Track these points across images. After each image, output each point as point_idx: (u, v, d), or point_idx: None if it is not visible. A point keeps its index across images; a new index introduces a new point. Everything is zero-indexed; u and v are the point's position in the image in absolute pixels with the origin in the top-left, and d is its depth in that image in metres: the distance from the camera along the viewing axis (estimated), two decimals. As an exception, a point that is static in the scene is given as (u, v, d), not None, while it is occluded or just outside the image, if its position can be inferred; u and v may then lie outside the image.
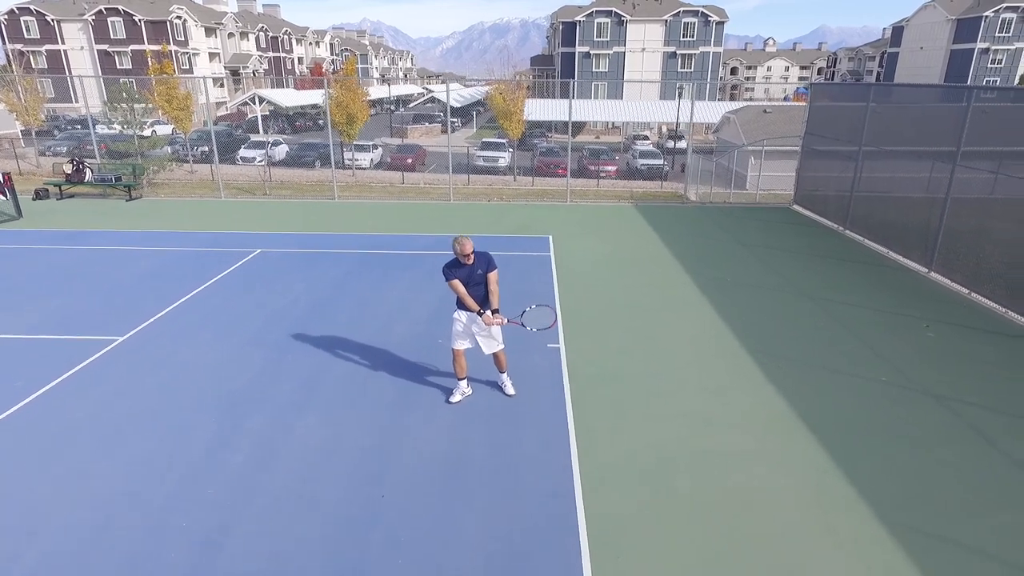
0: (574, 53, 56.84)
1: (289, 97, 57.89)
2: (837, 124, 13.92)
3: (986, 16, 54.96)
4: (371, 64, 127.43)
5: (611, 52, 56.61)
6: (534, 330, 6.24)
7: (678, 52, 56.39)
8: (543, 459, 5.52)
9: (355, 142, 29.82)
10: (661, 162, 32.74)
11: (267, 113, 53.29)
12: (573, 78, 54.45)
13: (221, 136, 39.55)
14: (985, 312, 9.05)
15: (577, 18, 56.02)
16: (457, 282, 6.02)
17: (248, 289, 9.76)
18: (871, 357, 7.55)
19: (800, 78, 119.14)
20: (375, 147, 35.56)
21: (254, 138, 39.41)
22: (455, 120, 62.54)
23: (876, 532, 4.65)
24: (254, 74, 78.58)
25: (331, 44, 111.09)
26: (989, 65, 55.77)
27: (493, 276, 6.07)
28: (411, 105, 69.15)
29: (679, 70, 56.62)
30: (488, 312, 6.03)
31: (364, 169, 31.81)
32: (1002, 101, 10.45)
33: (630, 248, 12.40)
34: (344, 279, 10.25)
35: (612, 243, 12.73)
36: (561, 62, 58.68)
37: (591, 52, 56.60)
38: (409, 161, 31.81)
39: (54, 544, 4.49)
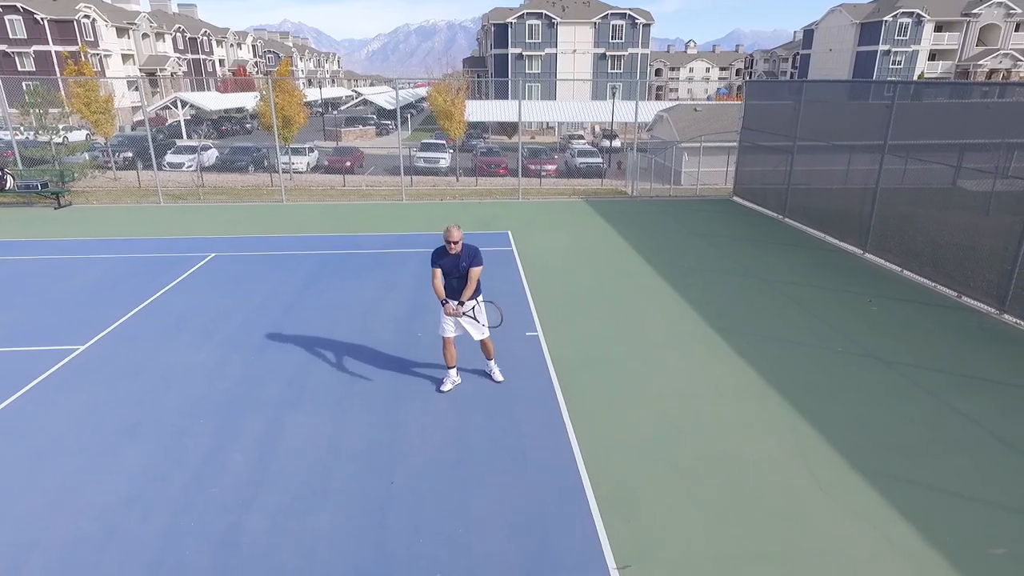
0: (507, 55, 57.36)
1: (213, 100, 55.71)
2: (772, 120, 14.81)
3: (886, 20, 59.23)
4: (297, 66, 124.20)
5: (543, 54, 57.48)
6: (483, 324, 6.40)
7: (608, 54, 57.87)
8: (543, 439, 5.73)
9: (291, 145, 29.16)
10: (600, 160, 33.64)
11: (188, 117, 51.06)
12: (507, 79, 54.97)
13: (144, 141, 37.71)
14: (917, 286, 9.91)
15: (508, 20, 56.57)
16: (436, 271, 6.10)
17: (211, 293, 9.49)
18: (825, 329, 8.17)
19: (720, 79, 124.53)
20: (311, 150, 34.88)
21: (180, 143, 37.80)
22: (389, 122, 61.93)
23: (855, 479, 5.12)
24: (172, 76, 75.05)
25: (253, 46, 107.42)
26: (890, 66, 60.15)
27: (475, 271, 6.20)
28: (343, 108, 67.83)
29: (609, 71, 58.13)
30: (452, 303, 6.13)
31: (301, 172, 31.17)
32: (927, 97, 11.43)
33: (588, 240, 12.79)
34: (311, 280, 10.12)
35: (570, 236, 13.09)
36: (494, 64, 59.07)
37: (524, 54, 57.28)
38: (347, 164, 31.39)
39: (59, 553, 4.34)
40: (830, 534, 4.54)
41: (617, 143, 38.63)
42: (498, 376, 6.75)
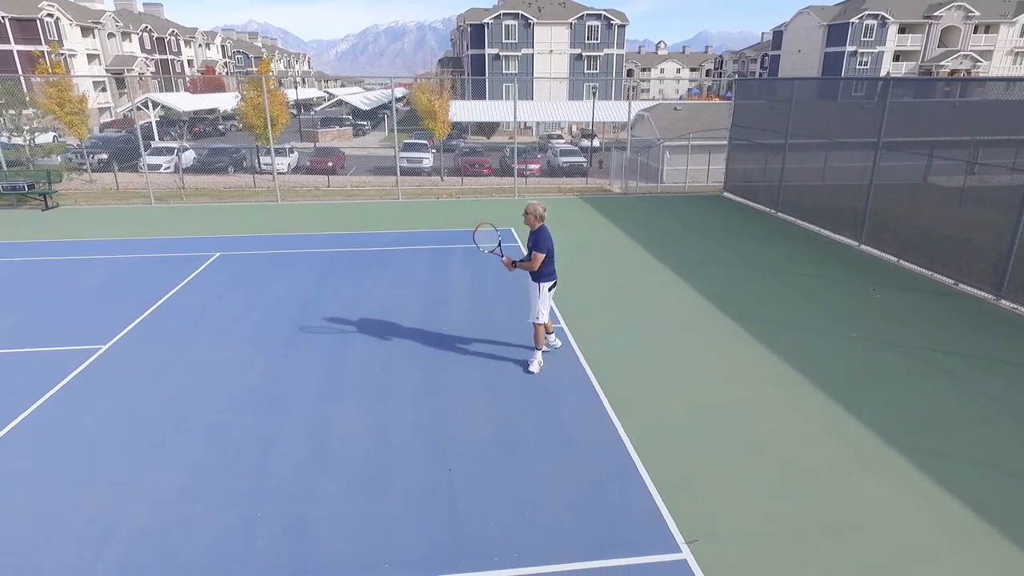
0: (484, 55, 57.43)
1: (185, 101, 54.68)
2: (763, 117, 15.19)
3: (852, 22, 60.87)
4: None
5: (520, 54, 57.68)
6: (493, 247, 6.82)
7: (584, 54, 58.35)
8: (586, 423, 5.87)
9: (271, 146, 28.82)
10: (583, 159, 33.94)
11: (158, 119, 49.99)
12: (485, 79, 55.08)
13: (120, 142, 36.88)
14: (915, 275, 10.31)
15: (485, 20, 56.64)
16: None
17: (223, 292, 9.41)
18: (835, 317, 8.47)
19: (691, 79, 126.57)
20: (291, 151, 34.56)
21: (156, 144, 37.08)
22: (365, 123, 61.49)
23: (893, 455, 5.37)
24: (140, 77, 73.33)
25: (222, 46, 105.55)
26: (857, 66, 61.83)
27: (535, 256, 6.40)
28: (318, 109, 67.12)
29: (585, 71, 58.61)
30: (507, 258, 6.69)
31: (283, 173, 30.89)
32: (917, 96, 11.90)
33: (592, 236, 12.98)
34: (323, 278, 10.10)
35: (574, 232, 13.25)
36: (471, 64, 59.08)
37: (501, 54, 57.41)
38: (329, 164, 31.24)
39: (135, 546, 4.34)
40: (880, 507, 4.76)
41: (596, 142, 38.99)
42: (532, 368, 6.83)
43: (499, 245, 6.80)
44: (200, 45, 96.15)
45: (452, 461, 5.30)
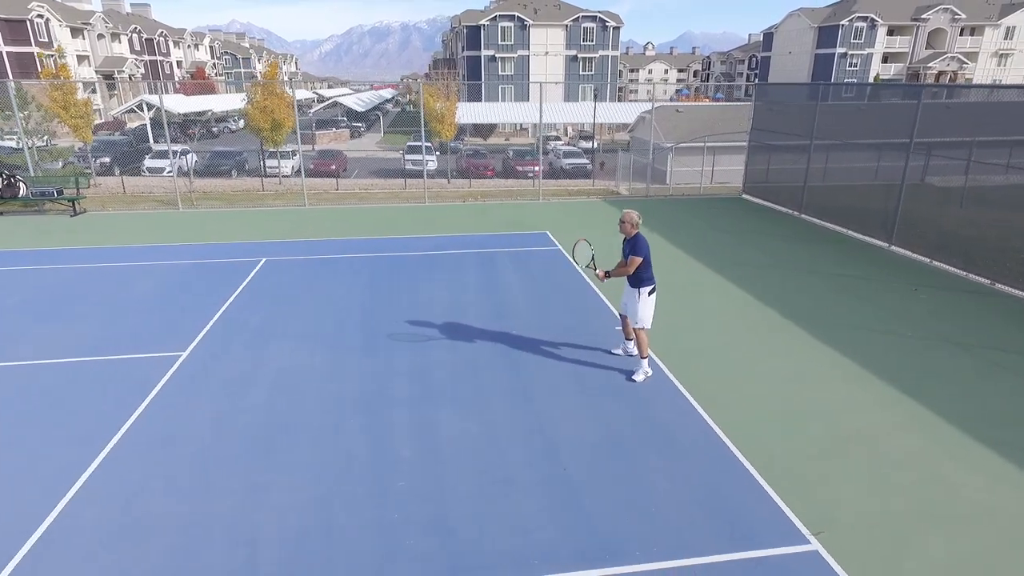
0: (480, 57, 57.60)
1: (180, 103, 54.26)
2: (786, 120, 15.55)
3: (842, 24, 61.86)
4: (255, 68, 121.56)
5: (516, 56, 57.94)
6: (588, 262, 7.04)
7: (579, 56, 58.72)
8: (682, 423, 6.11)
9: (274, 149, 28.81)
10: (586, 161, 34.23)
11: (147, 121, 49.55)
12: (481, 81, 55.24)
13: (122, 146, 36.56)
14: (950, 275, 10.67)
15: (481, 22, 56.83)
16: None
17: (283, 297, 9.53)
18: (885, 315, 8.79)
19: (678, 80, 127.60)
20: (293, 153, 34.52)
21: (158, 147, 36.86)
22: (360, 125, 61.39)
23: (976, 446, 5.67)
24: (130, 78, 72.57)
25: (211, 47, 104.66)
26: (848, 68, 62.84)
27: (631, 260, 6.59)
28: (313, 111, 66.86)
29: (581, 73, 58.99)
30: (601, 271, 6.90)
31: (288, 176, 30.90)
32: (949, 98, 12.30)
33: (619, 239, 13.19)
34: (378, 282, 10.25)
35: (607, 235, 13.46)
36: (467, 65, 59.19)
37: (496, 56, 57.62)
38: (332, 167, 31.32)
39: (284, 550, 4.50)
40: (976, 496, 5.04)
41: (594, 144, 39.29)
42: (637, 376, 6.91)
43: (592, 259, 6.99)
44: (189, 46, 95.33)
45: (564, 461, 5.51)
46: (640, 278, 6.73)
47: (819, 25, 64.41)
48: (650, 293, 6.82)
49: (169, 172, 31.81)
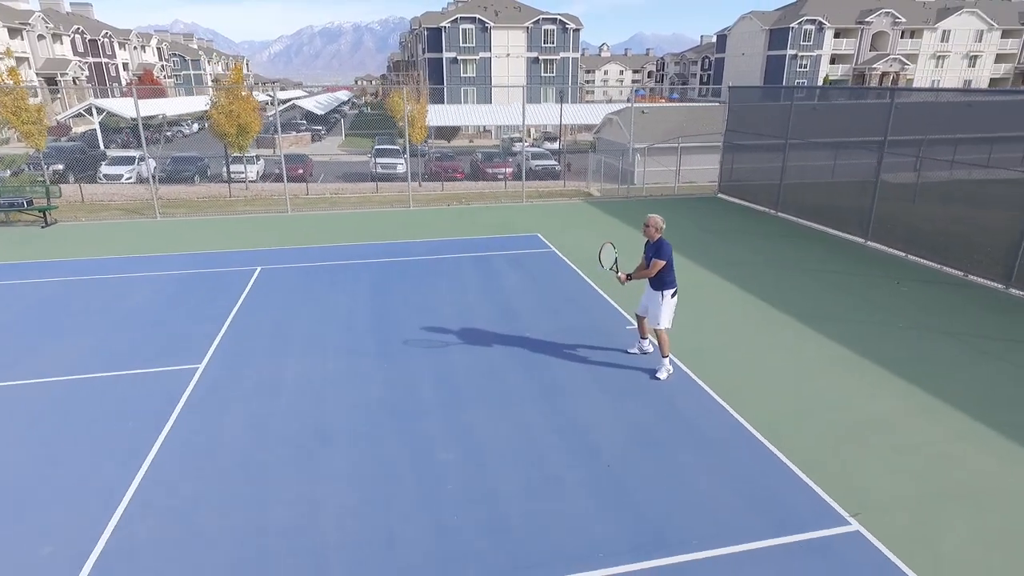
0: (441, 59, 57.47)
1: (131, 107, 52.25)
2: (760, 121, 16.13)
3: (792, 27, 64.06)
4: (204, 70, 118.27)
5: (478, 58, 58.03)
6: (613, 264, 7.34)
7: (541, 58, 59.19)
8: (710, 417, 6.37)
9: (238, 154, 28.21)
10: (555, 163, 34.59)
11: (96, 126, 47.73)
12: (443, 83, 55.10)
13: (75, 152, 35.16)
14: (927, 269, 11.30)
15: (442, 24, 56.71)
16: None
17: (288, 306, 9.46)
18: (875, 308, 9.28)
19: (633, 81, 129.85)
20: (257, 158, 33.88)
21: (114, 153, 35.63)
22: (320, 128, 60.45)
23: (981, 428, 6.10)
24: (74, 82, 69.64)
25: (158, 49, 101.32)
26: (798, 69, 65.10)
27: (655, 263, 6.82)
28: (271, 114, 65.44)
29: (543, 74, 59.46)
30: (623, 273, 7.15)
31: (254, 181, 30.35)
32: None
33: (616, 238, 13.41)
34: (381, 288, 10.25)
35: (596, 235, 13.69)
36: (428, 68, 58.96)
37: (459, 58, 57.59)
38: (299, 172, 30.84)
39: (348, 555, 4.56)
40: (987, 474, 5.44)
41: (558, 145, 39.75)
42: (661, 375, 7.14)
43: (616, 262, 7.22)
44: (136, 48, 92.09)
45: (605, 459, 5.69)
46: (663, 281, 6.96)
47: (770, 28, 66.55)
48: (673, 295, 7.06)
49: (128, 179, 30.82)
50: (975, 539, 4.69)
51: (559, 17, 58.92)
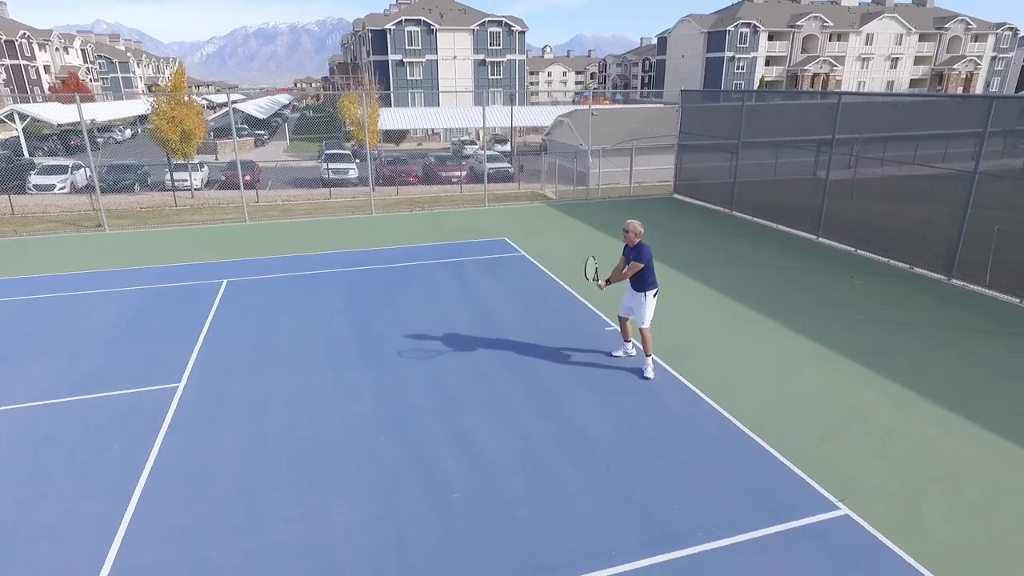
0: (387, 61, 56.89)
1: (58, 112, 49.77)
2: (713, 124, 16.72)
3: (728, 30, 66.38)
4: (134, 72, 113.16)
5: (424, 60, 57.71)
6: (593, 275, 7.50)
7: (487, 60, 59.35)
8: (699, 414, 6.63)
9: (181, 161, 27.30)
10: (507, 165, 34.79)
11: (19, 133, 45.09)
12: (390, 87, 54.58)
13: (1, 161, 33.10)
14: (875, 263, 11.98)
15: (387, 26, 56.13)
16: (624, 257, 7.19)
17: (262, 319, 9.26)
18: (835, 303, 9.81)
19: (576, 82, 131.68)
20: (201, 165, 32.82)
21: (44, 162, 33.74)
22: (263, 132, 58.86)
23: (950, 414, 6.56)
24: (-8, 86, 65.48)
25: (83, 50, 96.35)
26: (736, 70, 67.51)
27: (632, 265, 7.02)
28: (211, 118, 63.25)
29: (490, 77, 59.64)
30: (601, 280, 7.36)
31: (199, 189, 29.39)
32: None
33: (583, 241, 13.76)
34: (355, 298, 10.15)
35: (563, 238, 13.99)
36: (374, 70, 58.25)
37: (404, 60, 57.13)
38: (247, 178, 30.00)
39: (367, 573, 4.55)
40: (958, 455, 5.88)
41: (508, 147, 40.00)
42: (648, 373, 7.37)
43: (596, 271, 7.43)
44: (57, 49, 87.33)
45: (603, 460, 5.86)
46: (645, 282, 7.19)
47: (708, 31, 68.77)
48: (654, 295, 7.29)
49: (61, 188, 29.29)
50: (954, 516, 5.08)
51: (504, 19, 59.23)
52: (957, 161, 10.68)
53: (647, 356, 7.38)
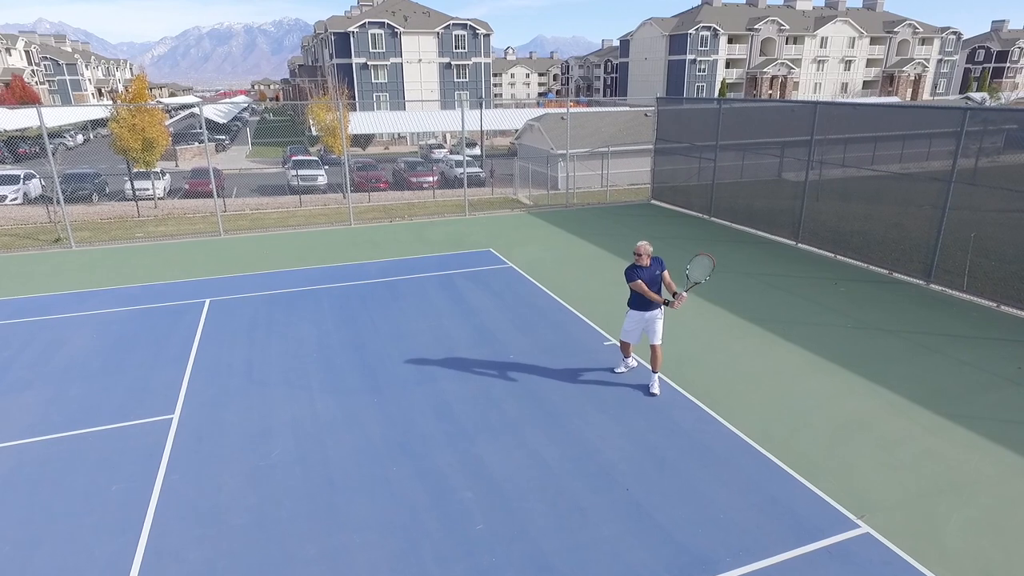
0: (351, 64, 56.13)
1: (3, 118, 47.69)
2: (690, 131, 16.94)
3: (690, 33, 67.55)
4: (82, 75, 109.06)
5: (388, 63, 57.14)
6: (706, 279, 7.31)
7: (452, 63, 59.09)
8: (709, 432, 6.66)
9: (141, 169, 26.42)
10: (479, 170, 34.69)
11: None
12: (354, 89, 53.84)
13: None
14: (856, 268, 12.30)
15: (350, 29, 55.39)
16: (640, 282, 6.95)
17: (252, 340, 9.00)
18: (822, 310, 10.03)
19: (539, 84, 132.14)
20: (163, 173, 31.87)
21: (-6, 171, 32.23)
22: (224, 137, 57.40)
23: (943, 421, 6.75)
24: (-70, 90, 62.19)
25: (27, 52, 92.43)
26: (697, 73, 68.74)
27: (667, 275, 7.04)
28: (168, 123, 61.40)
29: (455, 79, 59.40)
30: (682, 294, 7.09)
31: (162, 199, 28.53)
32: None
33: (569, 250, 13.77)
34: (346, 315, 9.94)
35: (549, 248, 13.97)
36: (338, 73, 57.38)
37: (368, 63, 56.46)
38: (210, 187, 29.25)
39: (404, 609, 4.44)
40: (963, 464, 6.05)
41: (478, 151, 39.88)
42: (654, 389, 7.38)
43: (692, 280, 7.27)
44: None
45: (621, 481, 5.85)
46: (648, 300, 7.22)
47: (669, 34, 69.84)
48: (655, 311, 7.35)
49: (13, 199, 28.08)
50: (969, 528, 5.22)
51: (469, 22, 59.07)
52: (937, 160, 11.04)
53: (654, 373, 7.41)
